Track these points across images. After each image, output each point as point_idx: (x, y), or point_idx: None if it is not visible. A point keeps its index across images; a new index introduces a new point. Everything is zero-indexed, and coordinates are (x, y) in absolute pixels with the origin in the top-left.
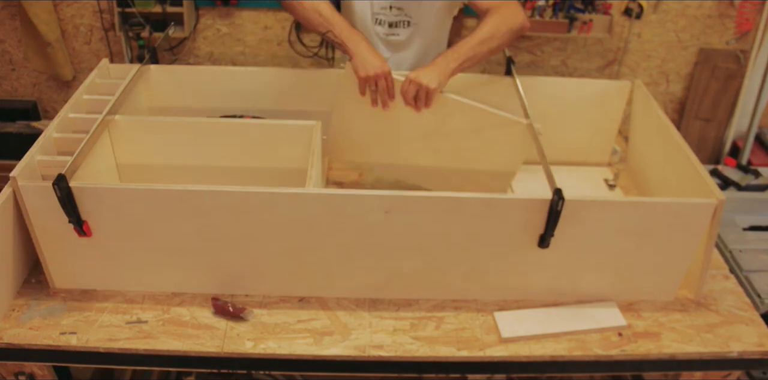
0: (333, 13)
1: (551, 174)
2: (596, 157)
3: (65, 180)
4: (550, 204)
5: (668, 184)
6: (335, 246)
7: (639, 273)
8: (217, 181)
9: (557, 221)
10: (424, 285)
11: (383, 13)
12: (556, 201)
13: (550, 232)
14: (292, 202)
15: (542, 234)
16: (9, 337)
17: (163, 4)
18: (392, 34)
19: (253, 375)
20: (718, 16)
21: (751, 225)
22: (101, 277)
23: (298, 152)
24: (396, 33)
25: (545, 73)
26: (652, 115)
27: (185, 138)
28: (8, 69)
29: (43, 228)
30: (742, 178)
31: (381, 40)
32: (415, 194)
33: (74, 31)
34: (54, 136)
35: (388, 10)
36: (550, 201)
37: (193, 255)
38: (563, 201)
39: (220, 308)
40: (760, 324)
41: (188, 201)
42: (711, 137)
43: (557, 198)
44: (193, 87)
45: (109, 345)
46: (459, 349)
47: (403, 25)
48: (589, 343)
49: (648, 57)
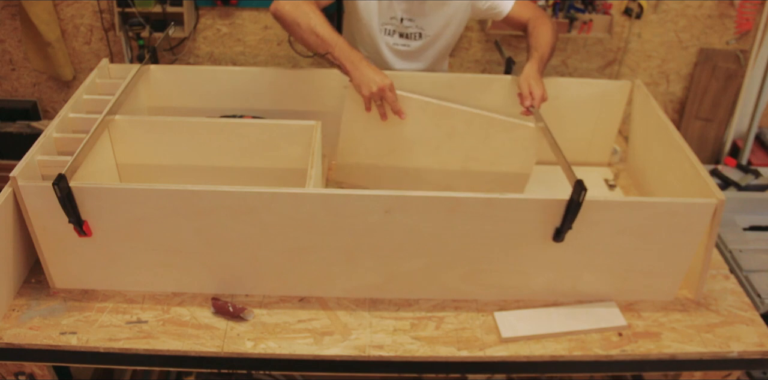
0: (330, 34)
1: (570, 168)
2: (596, 157)
3: (65, 180)
4: (571, 196)
5: (668, 184)
6: (335, 246)
7: (639, 273)
8: (217, 181)
9: (577, 213)
10: (424, 285)
11: (393, 24)
12: (579, 192)
13: (568, 226)
14: (292, 202)
15: (558, 228)
16: (9, 337)
17: (163, 4)
18: (403, 44)
19: (253, 375)
20: (718, 16)
21: (751, 225)
22: (101, 277)
23: (298, 152)
24: (407, 44)
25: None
26: (652, 115)
27: (185, 138)
28: (8, 69)
29: (43, 228)
30: (742, 178)
31: (390, 49)
32: (415, 194)
33: (74, 31)
34: (54, 136)
35: (398, 21)
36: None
37: (193, 255)
38: (585, 192)
39: (220, 308)
40: (760, 324)
41: (188, 201)
42: (711, 137)
43: (579, 189)
44: (193, 87)
45: (109, 345)
46: (459, 349)
47: (414, 37)
48: (589, 343)
49: (648, 57)
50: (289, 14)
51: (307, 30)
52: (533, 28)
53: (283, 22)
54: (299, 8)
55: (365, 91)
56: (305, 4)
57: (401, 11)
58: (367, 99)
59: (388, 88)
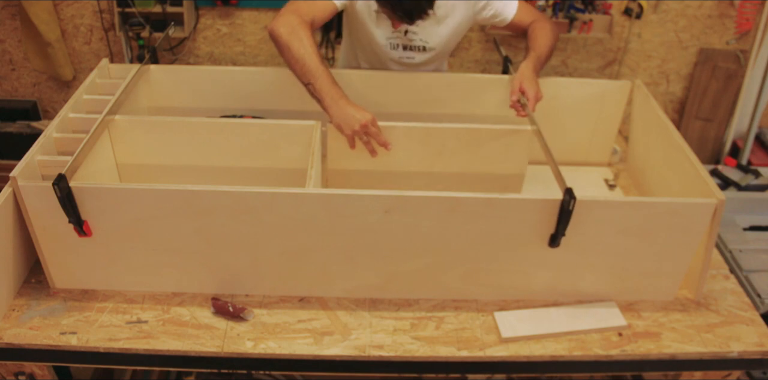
0: (317, 66)
1: (560, 174)
2: (596, 157)
3: (65, 180)
4: (562, 204)
5: (668, 184)
6: (335, 246)
7: (639, 273)
8: (217, 181)
9: (569, 220)
10: (424, 285)
11: (397, 37)
12: (568, 201)
13: (561, 232)
14: (292, 202)
15: (553, 234)
16: (9, 337)
17: (163, 4)
18: (408, 57)
19: (253, 375)
20: (718, 16)
21: (751, 225)
22: (101, 277)
23: (298, 152)
24: (411, 56)
25: (545, 73)
26: (652, 115)
27: (185, 138)
28: (8, 69)
29: (43, 228)
30: (742, 178)
31: (396, 62)
32: (414, 194)
33: (74, 31)
34: (54, 136)
35: (402, 34)
36: (561, 201)
37: (193, 255)
38: (575, 200)
39: (220, 308)
40: (760, 324)
41: (188, 201)
42: (711, 137)
43: (569, 197)
44: (193, 87)
45: (109, 345)
46: (459, 349)
47: (419, 50)
48: (589, 343)
49: (648, 57)
50: (283, 37)
51: (296, 56)
52: (532, 31)
53: (276, 43)
54: (295, 33)
55: (347, 130)
56: (302, 29)
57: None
58: (350, 137)
59: (370, 123)
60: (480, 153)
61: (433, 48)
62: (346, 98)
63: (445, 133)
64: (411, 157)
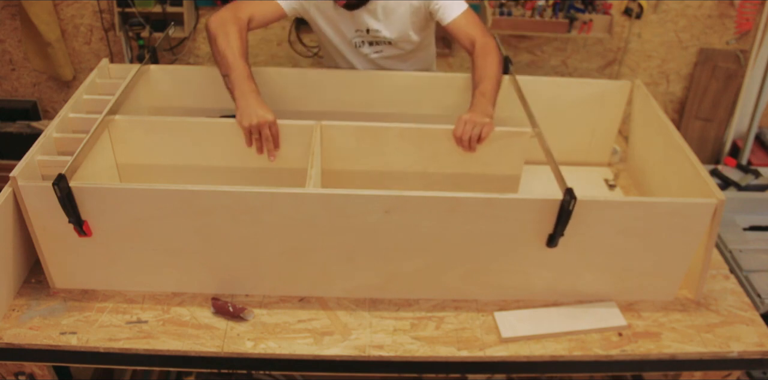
0: (236, 60)
1: (560, 174)
2: (596, 157)
3: (65, 180)
4: (561, 204)
5: (668, 184)
6: (335, 246)
7: (639, 273)
8: (217, 181)
9: (568, 221)
10: (424, 285)
11: (360, 36)
12: (568, 201)
13: (560, 232)
14: (292, 202)
15: (551, 234)
16: (9, 337)
17: (163, 4)
18: (375, 51)
19: (253, 375)
20: (718, 16)
21: (751, 225)
22: (101, 277)
23: (298, 152)
24: (379, 50)
25: (545, 73)
26: (652, 115)
27: (185, 138)
28: (8, 69)
29: (43, 228)
30: (742, 178)
31: (366, 59)
32: (414, 194)
33: (74, 31)
34: (54, 136)
35: (364, 33)
36: (561, 201)
37: (193, 255)
38: (575, 200)
39: (220, 308)
40: (760, 324)
41: (188, 201)
42: (711, 137)
43: (569, 197)
44: (193, 87)
45: (109, 345)
46: (459, 349)
47: (384, 44)
48: (589, 343)
49: (648, 57)
50: (212, 31)
51: (219, 49)
52: (476, 59)
53: (207, 35)
54: (223, 27)
55: (245, 122)
56: (231, 25)
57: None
58: (246, 130)
59: (268, 125)
60: (476, 154)
61: (397, 38)
62: (257, 94)
63: (439, 135)
64: (403, 160)
